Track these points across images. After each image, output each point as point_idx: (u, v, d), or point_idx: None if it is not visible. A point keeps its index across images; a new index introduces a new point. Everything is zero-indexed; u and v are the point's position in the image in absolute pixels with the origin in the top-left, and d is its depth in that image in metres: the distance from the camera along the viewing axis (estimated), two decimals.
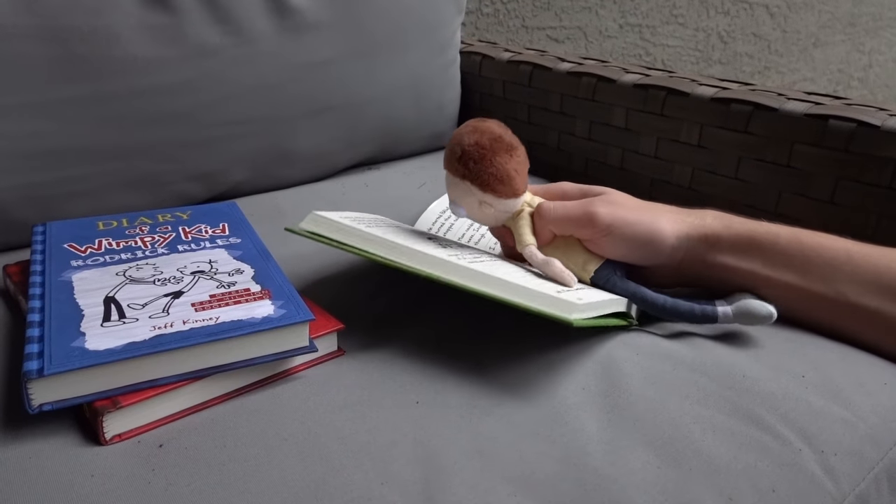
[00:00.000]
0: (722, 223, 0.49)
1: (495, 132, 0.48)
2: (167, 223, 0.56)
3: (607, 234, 0.47)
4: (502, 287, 0.42)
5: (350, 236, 0.47)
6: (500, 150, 0.47)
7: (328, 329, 0.45)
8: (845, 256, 0.47)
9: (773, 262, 0.48)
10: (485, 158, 0.47)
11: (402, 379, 0.43)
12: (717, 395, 0.42)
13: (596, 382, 0.43)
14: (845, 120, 0.59)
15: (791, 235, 0.48)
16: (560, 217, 0.48)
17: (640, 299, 0.48)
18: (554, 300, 0.42)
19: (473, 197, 0.48)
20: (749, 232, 0.48)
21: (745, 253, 0.48)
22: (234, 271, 0.48)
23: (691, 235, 0.48)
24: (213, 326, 0.41)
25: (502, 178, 0.47)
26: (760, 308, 0.47)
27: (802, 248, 0.48)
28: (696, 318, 0.48)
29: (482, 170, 0.47)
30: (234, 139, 0.69)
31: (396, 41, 0.78)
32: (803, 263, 0.47)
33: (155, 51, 0.62)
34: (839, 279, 0.47)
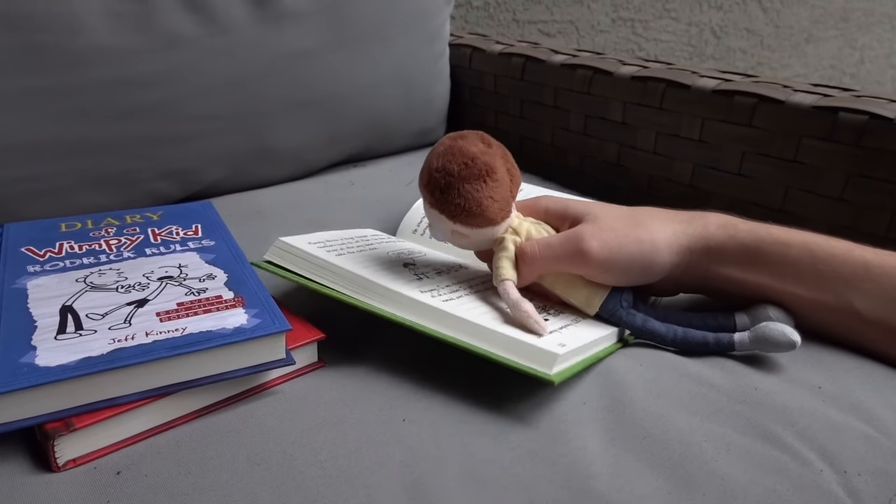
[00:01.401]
0: (726, 233, 0.44)
1: (469, 153, 0.42)
2: (135, 224, 0.52)
3: (605, 267, 0.43)
4: (474, 333, 0.39)
5: (315, 269, 0.44)
6: (471, 178, 0.41)
7: (307, 339, 0.42)
8: (862, 270, 0.43)
9: (782, 274, 0.44)
10: (451, 188, 0.41)
11: (388, 394, 0.40)
12: (729, 409, 0.39)
13: (597, 396, 0.40)
14: (856, 112, 0.56)
15: (802, 246, 0.44)
16: (548, 259, 0.44)
17: (649, 333, 0.45)
18: (532, 351, 0.38)
19: (445, 226, 0.44)
20: (756, 242, 0.44)
21: (751, 265, 0.44)
22: (206, 276, 0.45)
23: (693, 248, 0.44)
24: (178, 338, 0.37)
25: (471, 210, 0.42)
26: (781, 336, 0.42)
27: (815, 260, 0.43)
28: (710, 349, 0.44)
29: (448, 200, 0.42)
30: (210, 135, 0.65)
31: (382, 32, 0.75)
32: (815, 277, 0.43)
33: (123, 40, 0.58)
34: (855, 295, 0.43)
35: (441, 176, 0.42)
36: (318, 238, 0.48)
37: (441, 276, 0.46)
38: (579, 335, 0.42)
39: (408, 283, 0.43)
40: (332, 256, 0.45)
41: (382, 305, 0.42)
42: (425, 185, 0.43)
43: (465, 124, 0.90)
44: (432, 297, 0.42)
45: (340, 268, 0.44)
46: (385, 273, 0.44)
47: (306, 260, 0.45)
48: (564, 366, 0.38)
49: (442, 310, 0.40)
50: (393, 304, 0.42)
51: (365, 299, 0.42)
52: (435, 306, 0.41)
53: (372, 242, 0.51)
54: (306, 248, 0.45)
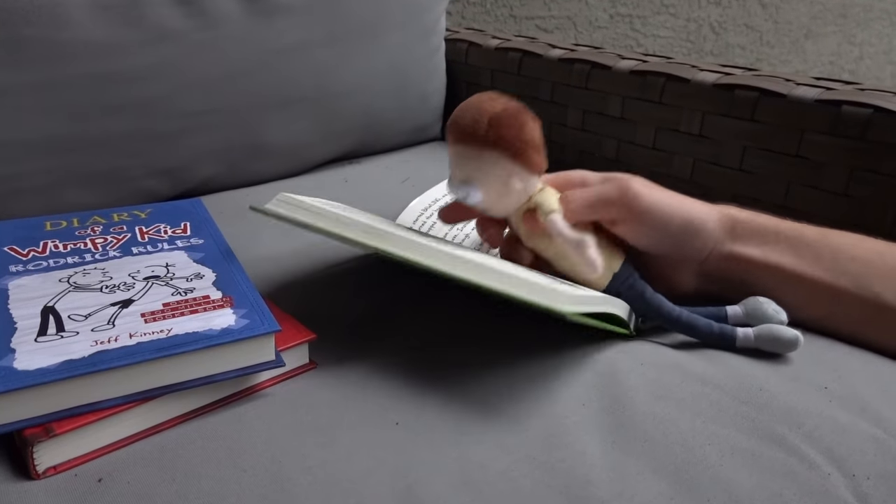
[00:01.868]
0: (746, 216, 0.45)
1: (504, 103, 0.42)
2: (123, 223, 0.51)
3: (643, 213, 0.42)
4: (489, 274, 0.37)
5: (322, 219, 0.42)
6: (529, 119, 0.42)
7: (298, 340, 0.41)
8: (877, 256, 0.43)
9: (801, 257, 0.44)
10: (517, 122, 0.41)
11: (380, 396, 0.38)
12: (733, 411, 0.38)
13: (597, 397, 0.39)
14: (860, 106, 0.55)
15: (817, 233, 0.45)
16: (593, 198, 0.43)
17: (656, 307, 0.44)
18: (546, 290, 0.36)
19: (501, 171, 0.41)
20: (774, 224, 0.45)
21: (771, 245, 0.44)
22: (193, 276, 0.43)
23: (723, 224, 0.45)
24: (163, 340, 0.36)
25: (537, 146, 0.42)
26: (786, 332, 0.42)
27: (830, 245, 0.44)
28: (713, 337, 0.43)
29: (516, 136, 0.40)
30: (201, 131, 0.64)
31: (376, 26, 0.73)
32: (833, 261, 0.43)
33: (110, 34, 0.57)
34: (873, 278, 0.43)
35: (506, 114, 0.41)
36: (322, 200, 0.47)
37: (446, 243, 0.44)
38: (594, 292, 0.41)
39: (423, 237, 0.41)
40: (338, 209, 0.43)
41: (394, 248, 0.39)
42: (487, 123, 0.40)
43: None
44: (442, 246, 0.39)
45: (348, 217, 0.41)
46: (394, 227, 0.42)
47: (311, 211, 0.42)
48: (581, 308, 0.37)
49: (458, 255, 0.38)
50: (406, 248, 0.38)
51: (377, 243, 0.39)
52: (449, 252, 0.38)
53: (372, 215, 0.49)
54: (311, 200, 0.43)
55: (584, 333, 0.44)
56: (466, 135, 0.41)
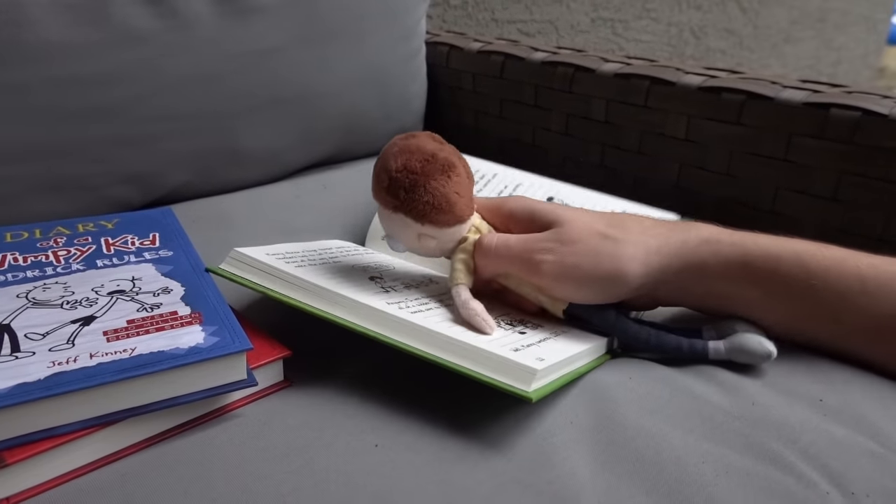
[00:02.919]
0: (709, 249, 0.41)
1: (427, 150, 0.40)
2: (88, 234, 0.49)
3: (559, 282, 0.41)
4: (446, 346, 0.36)
5: (272, 280, 0.41)
6: (435, 173, 0.40)
7: (272, 357, 0.39)
8: (858, 286, 0.40)
9: (772, 291, 0.41)
10: (417, 185, 0.39)
11: (359, 416, 0.36)
12: (726, 426, 0.36)
13: (585, 414, 0.37)
14: (849, 108, 0.54)
15: (793, 258, 0.40)
16: (503, 259, 0.42)
17: (621, 332, 0.42)
18: (508, 365, 0.35)
19: (411, 230, 0.41)
20: (742, 257, 0.41)
21: (738, 281, 0.41)
22: (161, 290, 0.41)
23: (670, 265, 0.41)
24: (126, 360, 0.34)
25: (440, 206, 0.40)
26: (757, 346, 0.40)
27: (808, 275, 0.40)
28: (684, 354, 0.42)
29: (416, 198, 0.39)
30: (172, 136, 0.62)
31: (354, 27, 0.71)
32: (809, 294, 0.40)
33: (74, 35, 0.55)
34: (851, 312, 0.40)
35: (404, 175, 0.39)
36: (278, 249, 0.45)
37: (410, 290, 0.43)
38: (560, 349, 0.39)
39: (374, 295, 0.40)
40: (291, 268, 0.42)
41: (346, 316, 0.39)
42: (386, 188, 0.40)
43: (443, 125, 0.88)
44: (399, 308, 0.39)
45: (300, 279, 0.40)
46: (348, 284, 0.41)
47: (264, 271, 0.42)
48: (544, 382, 0.35)
49: (410, 321, 0.37)
50: (357, 315, 0.38)
51: (328, 309, 0.39)
52: (403, 317, 0.38)
53: (336, 255, 0.47)
54: (264, 258, 0.42)
55: None
56: (375, 194, 0.42)
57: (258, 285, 0.41)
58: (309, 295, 0.40)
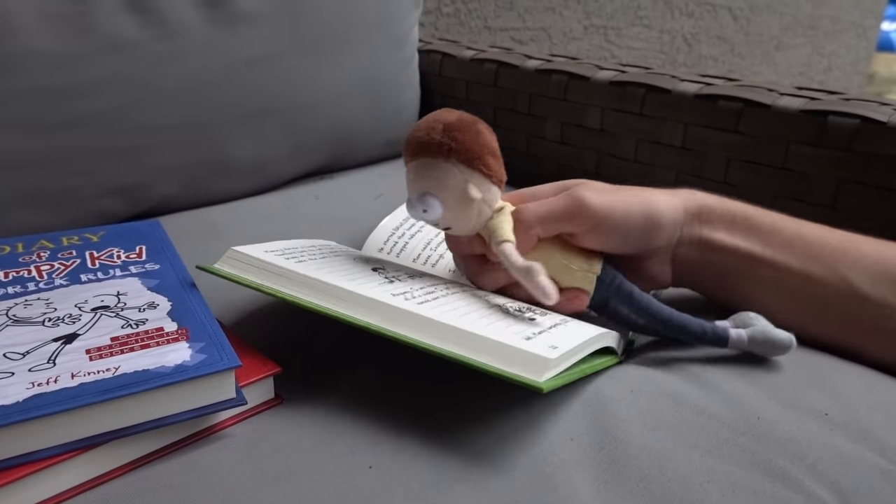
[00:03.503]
0: (714, 199, 0.44)
1: (456, 114, 0.41)
2: (72, 247, 0.47)
3: (601, 222, 0.41)
4: (455, 339, 0.34)
5: (272, 277, 0.39)
6: (482, 127, 0.41)
7: (262, 374, 0.37)
8: (850, 243, 0.43)
9: (771, 242, 0.43)
10: (472, 129, 0.40)
11: (352, 436, 0.35)
12: (731, 442, 0.35)
13: (586, 431, 0.36)
14: (847, 116, 0.53)
15: (788, 219, 0.44)
16: (544, 214, 0.41)
17: (645, 308, 0.42)
18: (519, 355, 0.33)
19: (459, 179, 0.39)
20: (743, 209, 0.44)
21: (742, 231, 0.43)
22: (147, 306, 0.40)
23: (688, 209, 0.44)
24: (109, 380, 0.33)
25: (495, 153, 0.40)
26: (780, 334, 0.41)
27: (801, 232, 0.43)
28: (707, 337, 0.42)
29: (472, 141, 0.39)
30: (160, 147, 0.60)
31: (346, 35, 0.70)
32: (805, 247, 0.43)
33: (59, 44, 0.53)
34: (845, 264, 0.42)
35: (459, 122, 0.40)
36: (276, 246, 0.44)
37: (414, 279, 0.42)
38: (572, 335, 0.37)
39: (377, 287, 0.39)
40: (290, 263, 0.40)
41: (349, 311, 0.37)
42: (442, 131, 0.39)
43: None
44: (405, 299, 0.37)
45: (300, 274, 0.39)
46: (351, 277, 0.40)
47: (262, 269, 0.40)
48: (556, 371, 0.34)
49: (415, 312, 0.36)
50: (360, 309, 0.37)
51: (329, 305, 0.37)
52: (407, 309, 0.36)
53: (336, 250, 0.46)
54: (262, 255, 0.41)
55: None
56: (421, 145, 0.40)
57: (255, 283, 0.39)
58: (309, 291, 0.38)
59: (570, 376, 0.35)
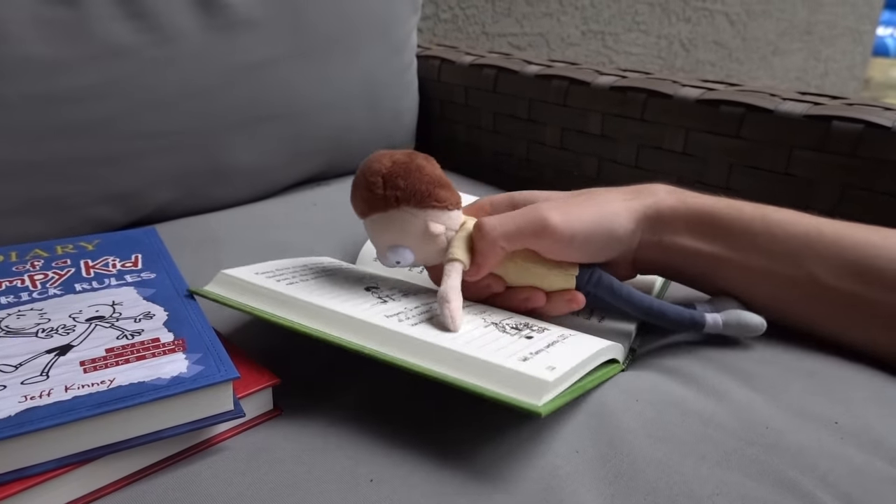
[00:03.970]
0: (676, 198, 0.44)
1: (397, 152, 0.41)
2: (67, 256, 0.47)
3: (566, 244, 0.41)
4: (450, 362, 0.34)
5: (264, 300, 0.39)
6: (420, 161, 0.40)
7: (260, 385, 0.37)
8: (816, 233, 0.42)
9: (735, 242, 0.43)
10: (412, 170, 0.39)
11: (353, 448, 0.34)
12: (740, 453, 0.35)
13: (591, 443, 0.35)
14: (851, 121, 0.53)
15: (754, 210, 0.43)
16: (510, 232, 0.41)
17: (626, 298, 0.43)
18: (516, 378, 0.32)
19: (417, 222, 0.40)
20: (708, 208, 0.43)
21: (704, 233, 0.43)
22: (142, 316, 0.39)
23: (647, 215, 0.43)
24: (104, 393, 0.32)
25: (443, 182, 0.40)
26: (752, 318, 0.42)
27: (767, 224, 0.42)
28: (684, 323, 0.43)
29: (416, 181, 0.39)
30: (156, 154, 0.60)
31: (344, 41, 0.70)
32: (769, 242, 0.42)
33: (55, 51, 0.53)
34: (809, 259, 0.42)
35: (396, 167, 0.39)
36: (267, 268, 0.43)
37: (409, 298, 0.41)
38: (571, 353, 0.37)
39: (370, 308, 0.38)
40: (281, 286, 0.40)
41: (343, 335, 0.37)
42: (383, 184, 0.39)
43: (434, 139, 0.86)
44: (399, 321, 0.37)
45: (292, 297, 0.38)
46: (343, 299, 0.39)
47: (253, 292, 0.40)
48: (555, 392, 0.33)
49: (409, 335, 0.35)
50: (353, 333, 0.36)
51: (321, 328, 0.37)
52: (401, 332, 0.36)
53: (329, 269, 0.46)
54: (252, 279, 0.40)
55: None
56: (369, 202, 0.40)
57: (247, 306, 0.39)
58: (301, 314, 0.38)
59: (571, 394, 0.35)
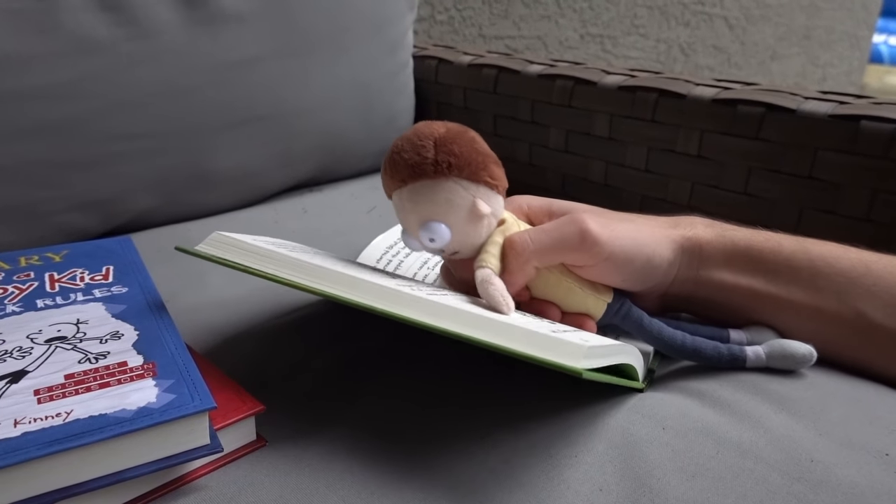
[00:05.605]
0: (714, 231, 0.41)
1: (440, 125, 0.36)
2: (31, 268, 0.42)
3: (606, 258, 0.37)
4: (483, 326, 0.29)
5: (261, 259, 0.34)
6: (475, 133, 0.36)
7: (242, 414, 0.33)
8: (863, 268, 0.39)
9: (776, 276, 0.40)
10: (466, 138, 0.35)
11: (345, 484, 0.30)
12: (785, 491, 0.31)
13: (616, 478, 0.31)
14: (882, 121, 0.49)
15: (796, 244, 0.40)
16: (545, 247, 0.36)
17: (657, 335, 0.39)
18: (553, 342, 0.29)
19: (466, 196, 0.35)
20: (746, 240, 0.40)
21: (743, 266, 0.40)
22: (110, 336, 0.35)
23: (684, 247, 0.40)
24: (58, 428, 0.28)
25: (496, 159, 0.36)
26: (798, 347, 0.38)
27: (810, 258, 0.40)
28: (723, 360, 0.39)
29: (472, 151, 0.35)
30: (135, 157, 0.56)
31: (336, 39, 0.66)
32: (812, 276, 0.39)
33: (22, 45, 0.49)
34: (857, 294, 0.39)
35: (451, 134, 0.35)
36: (266, 239, 0.39)
37: (418, 283, 0.37)
38: (597, 339, 0.34)
39: (383, 278, 0.34)
40: (284, 250, 0.35)
41: (359, 297, 0.31)
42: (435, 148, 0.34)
43: None
44: (415, 292, 0.32)
45: (297, 259, 0.34)
46: (352, 269, 0.35)
47: (251, 252, 0.35)
48: (591, 364, 0.29)
49: (435, 301, 0.31)
50: (372, 296, 0.31)
51: (335, 291, 0.32)
52: (424, 297, 0.31)
53: (330, 254, 0.42)
54: (251, 240, 0.36)
55: (588, 388, 0.36)
56: (414, 167, 0.35)
57: (242, 264, 0.34)
58: (308, 276, 0.33)
59: (603, 377, 0.31)
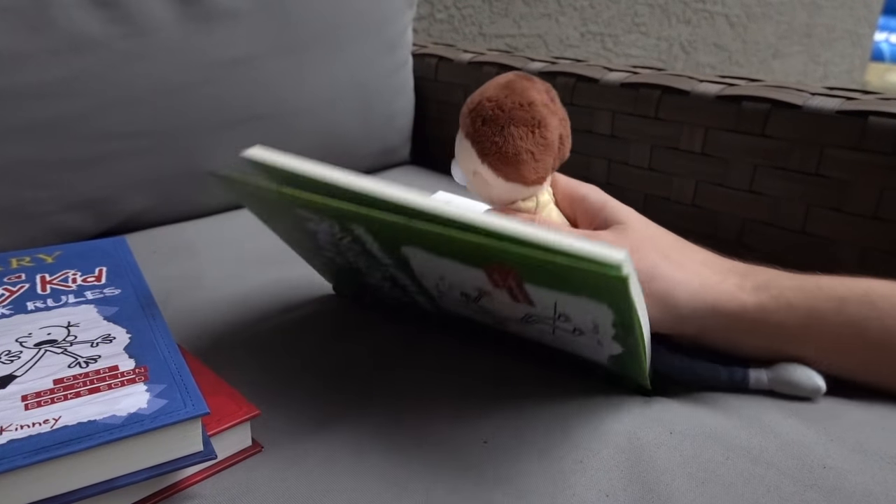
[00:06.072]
0: (770, 294, 0.36)
1: (529, 97, 0.36)
2: (22, 270, 0.41)
3: (667, 306, 0.36)
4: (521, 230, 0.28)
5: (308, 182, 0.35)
6: (520, 122, 0.36)
7: (237, 419, 0.32)
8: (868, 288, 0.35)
9: (841, 336, 0.36)
10: (495, 122, 0.36)
11: (346, 492, 0.29)
12: (798, 498, 0.30)
13: (623, 484, 0.30)
14: (889, 116, 0.48)
15: (862, 298, 0.35)
16: None
17: (652, 359, 0.37)
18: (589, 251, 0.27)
19: (470, 162, 0.38)
20: (806, 300, 0.36)
21: (802, 328, 0.36)
22: (101, 339, 0.34)
23: (724, 308, 0.36)
24: (46, 435, 0.27)
25: (506, 154, 0.36)
26: (805, 379, 0.36)
27: (879, 315, 0.35)
28: (721, 384, 0.37)
29: (486, 134, 0.36)
30: (129, 156, 0.55)
31: (333, 36, 0.65)
32: (882, 336, 0.35)
33: (14, 42, 0.48)
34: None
35: (491, 106, 0.36)
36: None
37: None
38: None
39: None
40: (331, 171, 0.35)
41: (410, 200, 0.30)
42: (470, 110, 0.37)
43: (432, 142, 0.81)
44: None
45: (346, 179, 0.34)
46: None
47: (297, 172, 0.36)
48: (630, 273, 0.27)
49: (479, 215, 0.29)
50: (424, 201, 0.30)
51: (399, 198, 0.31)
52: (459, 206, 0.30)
53: None
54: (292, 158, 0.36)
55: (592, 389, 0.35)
56: (463, 113, 0.38)
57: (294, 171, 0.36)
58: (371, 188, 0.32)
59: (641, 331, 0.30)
